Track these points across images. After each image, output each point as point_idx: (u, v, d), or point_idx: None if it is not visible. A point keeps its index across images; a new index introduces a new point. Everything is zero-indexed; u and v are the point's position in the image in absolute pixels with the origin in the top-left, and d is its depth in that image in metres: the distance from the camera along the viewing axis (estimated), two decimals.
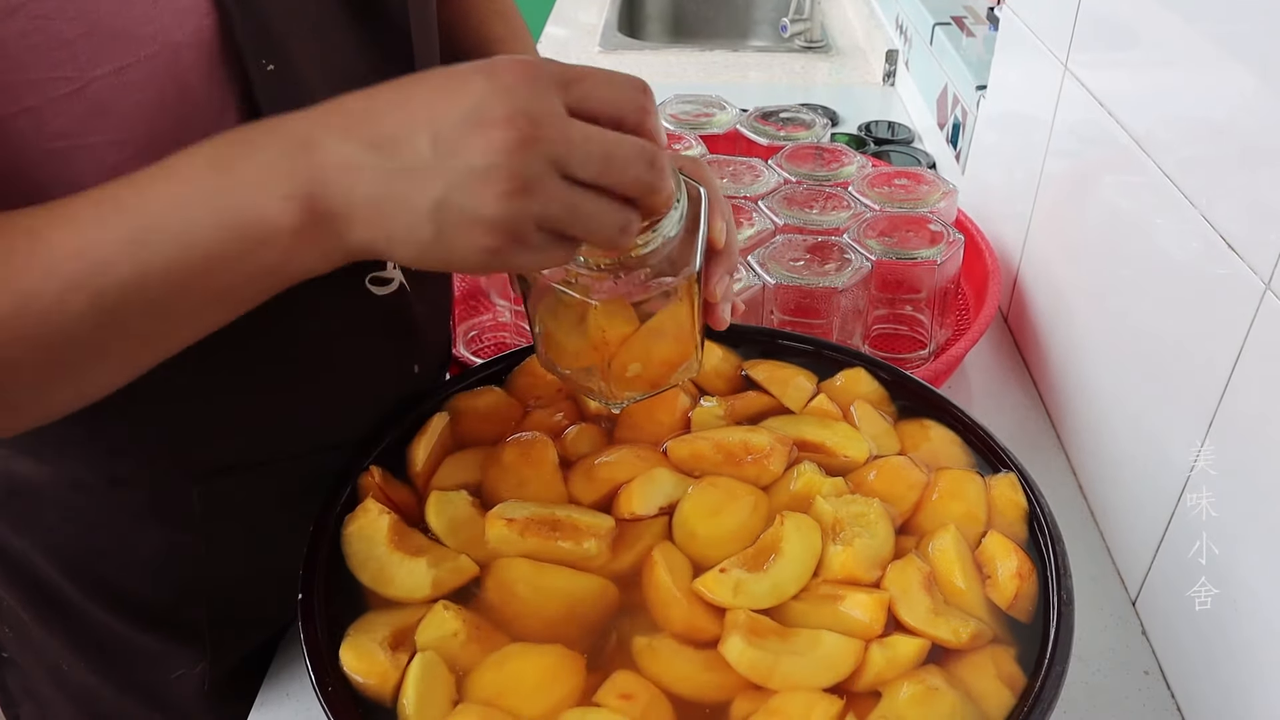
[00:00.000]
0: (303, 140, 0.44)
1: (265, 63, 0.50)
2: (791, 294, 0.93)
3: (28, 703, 0.75)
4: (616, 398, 0.62)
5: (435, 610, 0.56)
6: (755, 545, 0.60)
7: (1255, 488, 0.63)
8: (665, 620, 0.57)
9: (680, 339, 0.60)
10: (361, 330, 0.65)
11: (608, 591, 0.59)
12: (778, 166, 1.13)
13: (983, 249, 1.08)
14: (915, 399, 0.72)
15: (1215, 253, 0.67)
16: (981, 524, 0.63)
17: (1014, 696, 0.53)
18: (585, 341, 0.58)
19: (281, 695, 0.73)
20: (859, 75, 1.93)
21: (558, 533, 0.60)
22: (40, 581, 0.67)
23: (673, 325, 0.59)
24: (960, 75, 1.36)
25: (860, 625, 0.56)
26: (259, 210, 0.43)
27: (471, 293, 1.09)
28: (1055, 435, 0.97)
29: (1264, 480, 0.62)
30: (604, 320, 0.57)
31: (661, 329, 0.59)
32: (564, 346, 0.61)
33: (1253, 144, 0.64)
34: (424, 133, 0.43)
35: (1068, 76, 0.95)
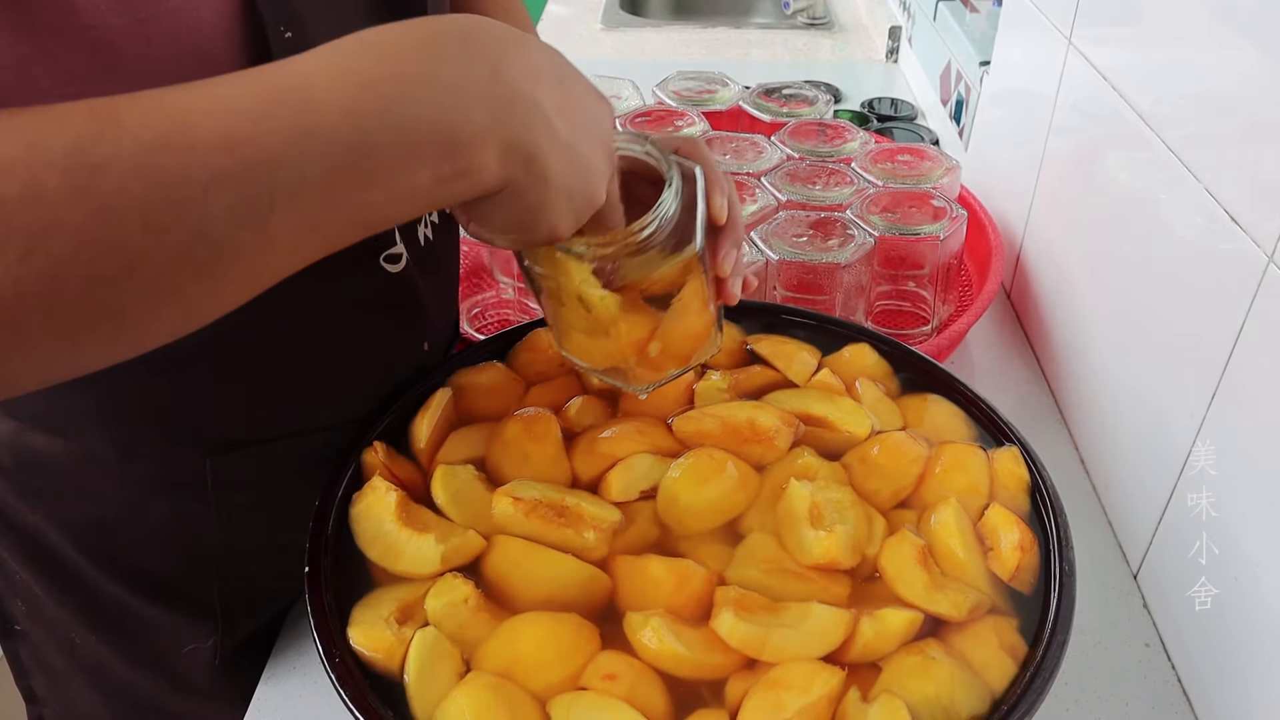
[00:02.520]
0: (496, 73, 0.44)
1: (284, 30, 0.50)
2: (794, 270, 0.93)
3: (40, 675, 0.75)
4: (642, 381, 0.63)
5: (445, 578, 0.57)
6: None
7: (1255, 462, 0.64)
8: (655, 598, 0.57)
9: (696, 317, 0.61)
10: (373, 307, 0.65)
11: (597, 581, 0.58)
12: (780, 143, 1.13)
13: (986, 225, 1.08)
14: (918, 374, 0.73)
15: (1219, 227, 0.67)
16: (984, 497, 0.63)
17: (1016, 666, 0.54)
18: (608, 342, 0.59)
19: (288, 669, 0.74)
20: (862, 52, 1.93)
21: (563, 519, 0.60)
22: (53, 555, 0.68)
23: (687, 305, 0.60)
24: (964, 51, 1.35)
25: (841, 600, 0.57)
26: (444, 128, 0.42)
27: (475, 270, 1.09)
28: (1057, 410, 0.98)
29: (1265, 454, 0.62)
30: (625, 325, 0.58)
31: (677, 311, 0.59)
32: (586, 347, 0.62)
33: (1258, 118, 0.64)
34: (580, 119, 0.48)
35: (1072, 52, 0.95)
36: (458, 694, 0.52)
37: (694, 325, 0.62)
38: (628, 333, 0.59)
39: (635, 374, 0.62)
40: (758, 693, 0.52)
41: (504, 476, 0.63)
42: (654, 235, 0.55)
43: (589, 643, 0.55)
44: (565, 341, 0.63)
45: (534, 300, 1.02)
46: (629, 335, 0.59)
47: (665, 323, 0.60)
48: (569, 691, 0.53)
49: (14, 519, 0.67)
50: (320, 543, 0.59)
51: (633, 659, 0.54)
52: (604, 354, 0.61)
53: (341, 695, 0.51)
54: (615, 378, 0.64)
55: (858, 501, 0.62)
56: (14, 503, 0.67)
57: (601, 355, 0.62)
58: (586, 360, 0.63)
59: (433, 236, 0.69)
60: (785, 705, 0.51)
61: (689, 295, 0.59)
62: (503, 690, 0.52)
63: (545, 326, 0.74)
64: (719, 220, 0.59)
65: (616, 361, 0.61)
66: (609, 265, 0.56)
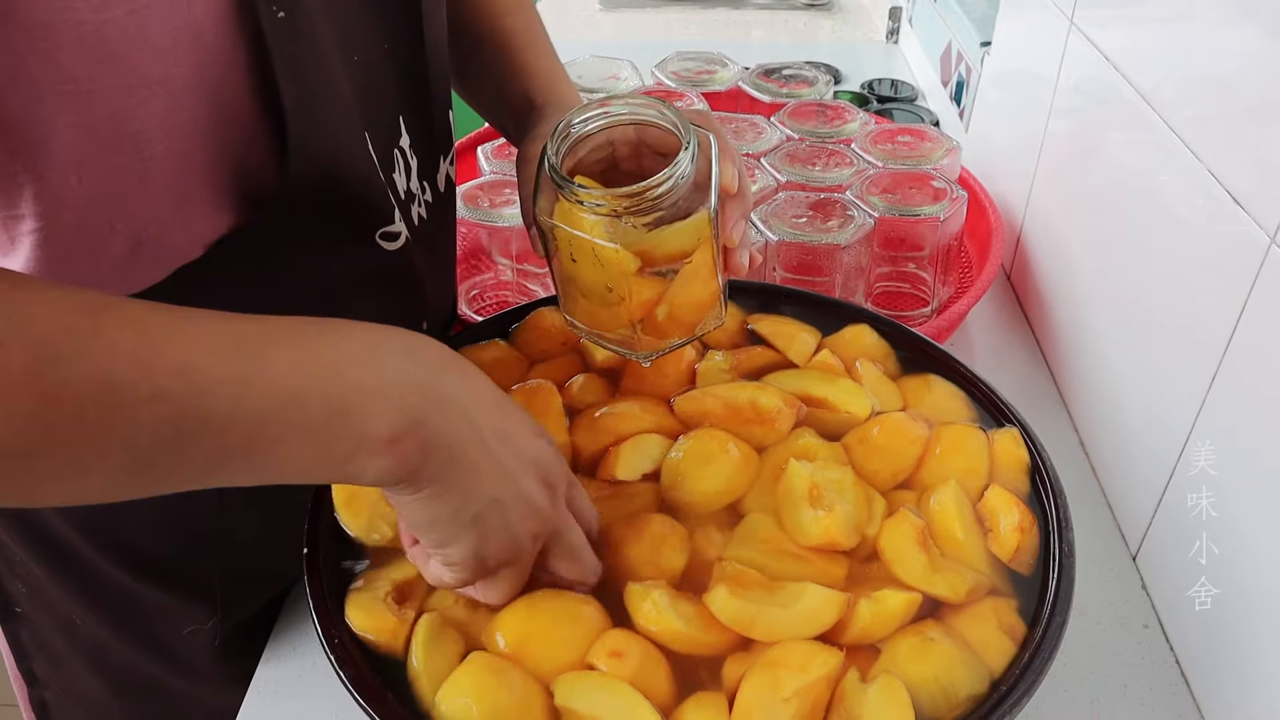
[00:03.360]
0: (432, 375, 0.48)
1: (276, 10, 0.50)
2: (794, 251, 0.93)
3: (41, 656, 0.76)
4: (646, 349, 0.63)
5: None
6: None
7: (1256, 442, 0.64)
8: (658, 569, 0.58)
9: (704, 285, 0.61)
10: (370, 287, 0.65)
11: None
12: (780, 124, 1.12)
13: (986, 206, 1.07)
14: (918, 354, 0.72)
15: (1221, 209, 0.66)
16: (983, 478, 0.63)
17: (1015, 646, 0.54)
18: (617, 306, 0.60)
19: (288, 650, 0.74)
20: (862, 32, 1.92)
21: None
22: (54, 537, 0.68)
23: (696, 271, 0.60)
24: (964, 32, 1.35)
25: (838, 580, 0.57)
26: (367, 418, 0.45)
27: (473, 251, 1.09)
28: (1057, 392, 0.97)
29: (1267, 438, 0.62)
30: (636, 284, 0.58)
31: (686, 275, 0.60)
32: (592, 312, 0.62)
33: (1261, 99, 0.63)
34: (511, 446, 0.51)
35: (1073, 32, 0.94)
36: (459, 675, 0.52)
37: (701, 293, 0.62)
38: (638, 292, 0.59)
39: (640, 340, 0.62)
40: (756, 672, 0.52)
41: None
42: (671, 191, 0.56)
43: (596, 622, 0.55)
44: (571, 307, 0.64)
45: (533, 282, 1.02)
46: (639, 295, 0.59)
47: (674, 287, 0.60)
48: (574, 671, 0.53)
49: None
50: (318, 525, 0.59)
51: (641, 637, 0.54)
52: (612, 318, 0.62)
53: (341, 676, 0.52)
54: (619, 344, 0.64)
55: (857, 482, 0.61)
56: None
57: (609, 319, 0.62)
58: (592, 325, 0.63)
59: (427, 215, 0.68)
60: (783, 685, 0.51)
61: (698, 261, 0.60)
62: (505, 671, 0.52)
63: (548, 306, 0.74)
64: (731, 188, 0.60)
65: (623, 325, 0.62)
66: (625, 221, 0.57)
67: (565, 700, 0.51)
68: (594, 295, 0.61)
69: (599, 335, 0.65)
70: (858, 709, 0.51)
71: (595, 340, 0.66)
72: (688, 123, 0.58)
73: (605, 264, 0.58)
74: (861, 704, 0.51)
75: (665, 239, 0.58)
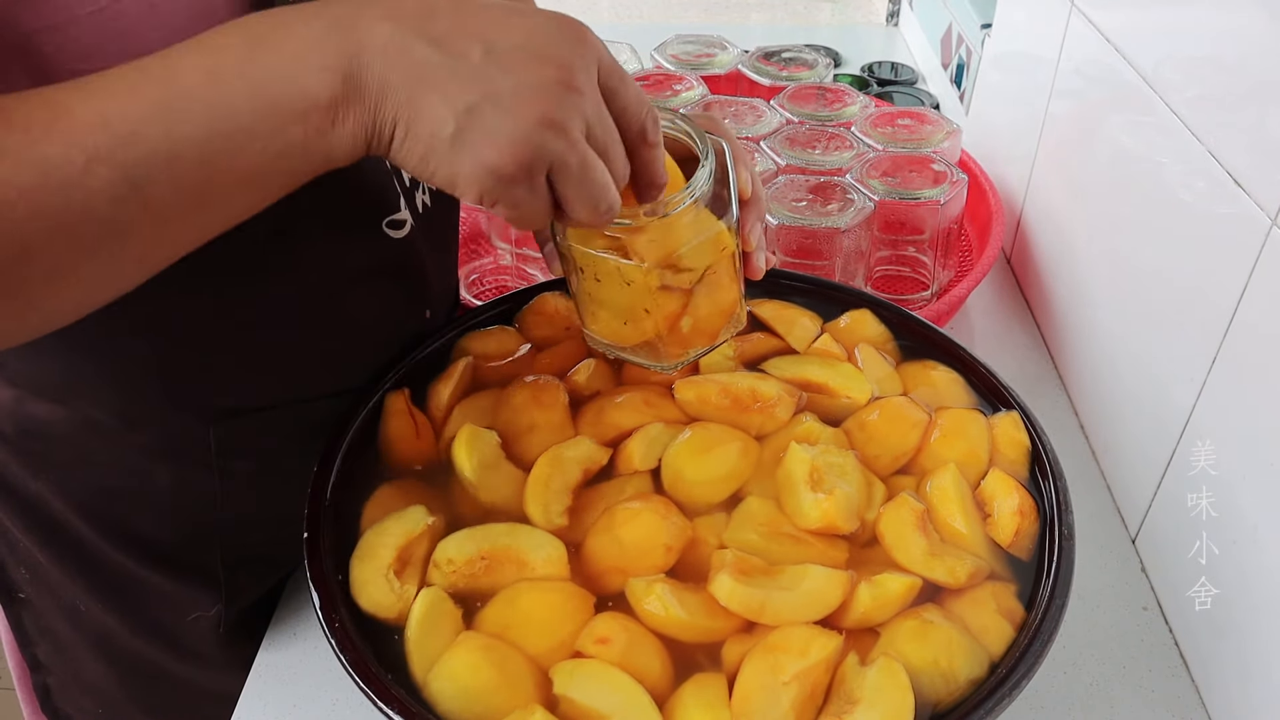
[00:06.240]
0: (348, 20, 0.44)
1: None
2: (794, 234, 0.92)
3: (44, 643, 0.76)
4: (671, 359, 0.63)
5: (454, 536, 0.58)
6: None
7: (1257, 427, 0.64)
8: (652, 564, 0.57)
9: (726, 291, 0.62)
10: (377, 274, 0.65)
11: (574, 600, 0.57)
12: (780, 107, 1.12)
13: (986, 190, 1.07)
14: (919, 339, 0.72)
15: (1222, 190, 0.66)
16: (984, 463, 0.63)
17: (1014, 630, 0.54)
18: (642, 319, 0.60)
19: (289, 635, 0.74)
20: (862, 15, 1.91)
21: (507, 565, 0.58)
22: (56, 523, 0.68)
23: (718, 278, 0.60)
24: (965, 14, 1.34)
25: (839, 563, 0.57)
26: (295, 82, 0.43)
27: (473, 236, 1.09)
28: (1057, 375, 0.97)
29: (1267, 418, 0.62)
30: (660, 299, 0.58)
31: (709, 284, 0.60)
32: (614, 327, 0.62)
33: (1262, 80, 0.63)
34: (477, 42, 0.44)
35: (1074, 14, 0.94)
36: (451, 654, 0.53)
37: (724, 300, 0.62)
38: (662, 306, 0.59)
39: (665, 351, 0.62)
40: (756, 656, 0.52)
41: (511, 443, 0.64)
42: (694, 206, 0.56)
43: (583, 612, 0.55)
44: (592, 323, 0.63)
45: (532, 266, 1.02)
46: (663, 309, 0.59)
47: (697, 298, 0.60)
48: (565, 656, 0.53)
49: (17, 487, 0.68)
50: (319, 509, 0.59)
51: (627, 622, 0.54)
52: (636, 331, 0.61)
53: (341, 660, 0.52)
54: (644, 357, 0.64)
55: (858, 466, 0.62)
56: (16, 471, 0.67)
57: (633, 332, 0.62)
58: (615, 340, 0.63)
59: (431, 203, 0.68)
60: (783, 668, 0.51)
61: (720, 270, 0.60)
62: (495, 650, 0.53)
63: (551, 291, 0.74)
64: (746, 194, 0.60)
65: (647, 338, 0.62)
66: (647, 238, 0.56)
67: (563, 689, 0.52)
68: (618, 312, 0.61)
69: (623, 349, 0.64)
70: (857, 692, 0.51)
71: (619, 355, 0.66)
72: (704, 134, 0.58)
73: (630, 281, 0.57)
74: (861, 686, 0.51)
75: (689, 254, 0.58)
